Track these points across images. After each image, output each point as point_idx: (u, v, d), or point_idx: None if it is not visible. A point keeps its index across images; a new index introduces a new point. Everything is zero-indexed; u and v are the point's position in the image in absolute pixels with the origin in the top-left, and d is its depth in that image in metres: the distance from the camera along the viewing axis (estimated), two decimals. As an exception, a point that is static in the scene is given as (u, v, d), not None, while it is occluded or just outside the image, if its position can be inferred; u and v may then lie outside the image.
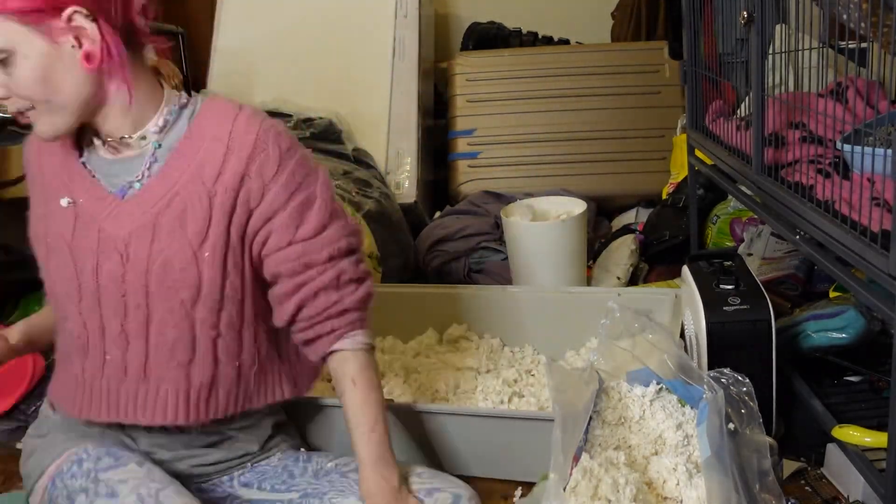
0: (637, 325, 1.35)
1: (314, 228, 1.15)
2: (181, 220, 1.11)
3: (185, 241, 1.10)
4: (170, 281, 1.10)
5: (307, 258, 1.14)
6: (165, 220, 1.11)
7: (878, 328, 1.45)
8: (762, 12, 1.34)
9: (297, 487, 1.22)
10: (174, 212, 1.11)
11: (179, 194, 1.11)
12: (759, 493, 1.10)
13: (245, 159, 1.11)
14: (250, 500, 1.24)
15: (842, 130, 1.30)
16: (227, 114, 1.14)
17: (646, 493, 1.12)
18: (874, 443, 1.20)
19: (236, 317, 1.16)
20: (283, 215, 1.13)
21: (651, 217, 2.41)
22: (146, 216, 1.11)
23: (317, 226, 1.15)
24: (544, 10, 3.34)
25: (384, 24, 2.72)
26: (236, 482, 1.26)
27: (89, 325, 1.14)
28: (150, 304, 1.11)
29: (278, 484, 1.24)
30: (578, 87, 2.77)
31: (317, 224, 1.15)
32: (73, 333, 1.16)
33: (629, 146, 2.72)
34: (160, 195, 1.12)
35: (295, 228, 1.13)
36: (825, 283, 1.88)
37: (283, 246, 1.14)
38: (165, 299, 1.11)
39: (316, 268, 1.15)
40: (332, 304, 1.16)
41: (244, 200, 1.11)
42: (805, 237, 1.26)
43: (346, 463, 1.24)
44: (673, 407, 1.27)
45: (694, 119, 1.90)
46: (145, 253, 1.10)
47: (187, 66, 2.42)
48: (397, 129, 2.66)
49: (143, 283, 1.11)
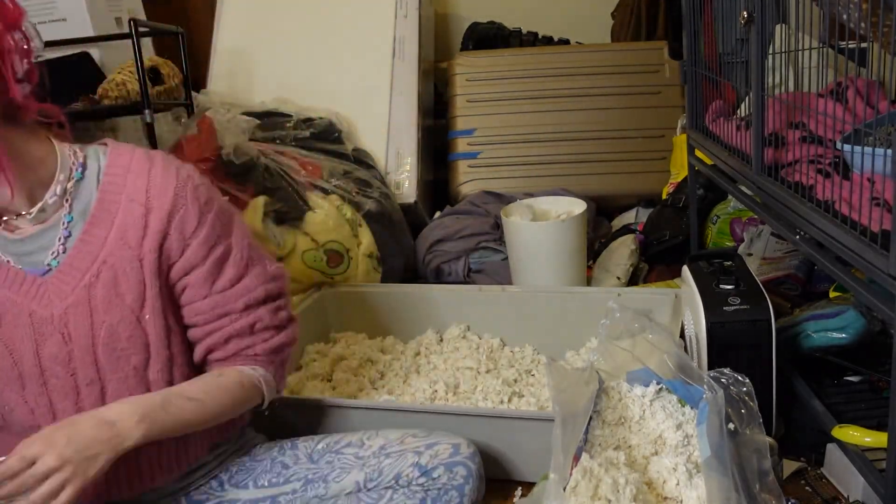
0: (637, 325, 1.35)
1: (230, 280, 1.15)
2: (115, 288, 1.08)
3: (125, 307, 1.09)
4: (119, 350, 1.09)
5: (222, 308, 1.15)
6: (99, 292, 1.08)
7: (878, 328, 1.45)
8: (762, 12, 1.34)
9: (297, 476, 1.21)
10: (106, 282, 1.08)
11: (107, 262, 1.08)
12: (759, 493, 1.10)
13: (165, 218, 1.09)
14: (252, 499, 1.22)
15: (842, 130, 1.30)
16: (140, 169, 1.10)
17: (646, 493, 1.12)
18: (874, 443, 1.19)
19: (187, 366, 1.16)
20: (200, 270, 1.13)
21: (651, 217, 2.41)
22: (77, 291, 1.08)
23: (233, 277, 1.15)
24: (544, 10, 3.34)
25: (384, 24, 2.72)
26: (227, 485, 1.24)
27: (38, 411, 1.10)
28: (102, 377, 1.09)
29: (274, 477, 1.22)
30: (578, 87, 2.77)
31: (233, 276, 1.15)
32: (23, 424, 1.10)
33: (629, 146, 2.73)
34: (86, 267, 1.08)
35: (212, 282, 1.14)
36: (825, 283, 1.88)
37: (198, 299, 1.14)
38: (117, 369, 1.09)
39: (230, 316, 1.16)
40: (243, 349, 1.18)
41: (166, 256, 1.11)
42: (805, 237, 1.26)
43: (336, 440, 1.25)
44: (673, 407, 1.27)
45: (694, 119, 1.90)
46: (87, 328, 1.08)
47: (187, 66, 2.41)
48: (397, 129, 2.66)
49: (93, 359, 1.08)
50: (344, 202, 2.20)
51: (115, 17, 2.74)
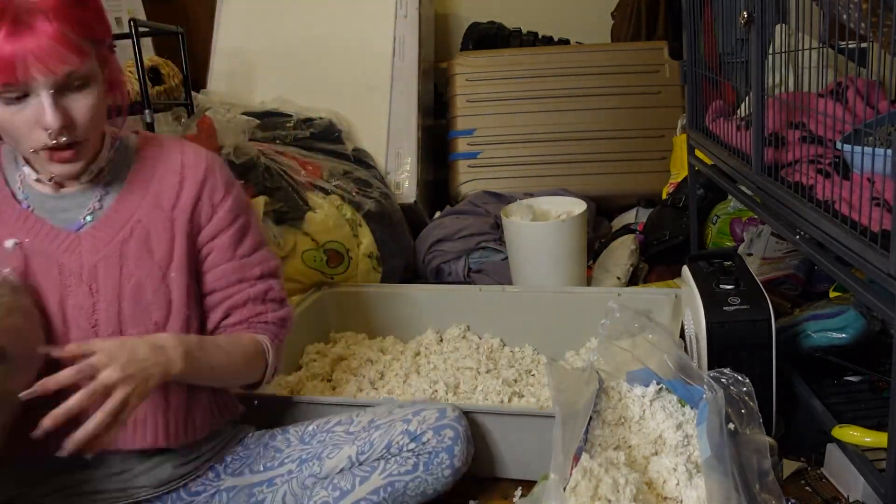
0: (637, 325, 1.35)
1: (250, 248, 1.26)
2: (146, 245, 1.16)
3: (153, 264, 1.16)
4: (143, 304, 1.14)
5: (241, 274, 1.24)
6: (132, 248, 1.15)
7: (878, 328, 1.45)
8: (762, 12, 1.34)
9: (291, 458, 1.25)
10: (138, 238, 1.16)
11: (141, 221, 1.17)
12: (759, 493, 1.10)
13: (198, 185, 1.21)
14: (249, 484, 1.25)
15: (842, 130, 1.30)
16: (173, 146, 1.23)
17: (646, 493, 1.12)
18: (874, 443, 1.19)
19: (201, 331, 1.22)
20: (226, 235, 1.23)
21: (651, 217, 2.41)
22: (110, 246, 1.15)
23: (252, 246, 1.26)
24: (544, 10, 3.34)
25: (384, 24, 2.72)
26: (223, 474, 1.26)
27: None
28: (123, 331, 1.13)
29: (268, 462, 1.26)
30: (578, 87, 2.77)
31: (252, 245, 1.26)
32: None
33: (629, 146, 2.73)
34: (120, 225, 1.16)
35: (235, 248, 1.23)
36: (825, 283, 1.88)
37: (223, 262, 1.23)
38: (138, 323, 1.14)
39: (249, 282, 1.25)
40: (256, 315, 1.25)
41: (196, 220, 1.20)
42: (805, 237, 1.26)
43: (325, 421, 1.30)
44: (673, 407, 1.26)
45: (694, 119, 1.90)
46: (115, 280, 1.14)
47: (187, 66, 2.41)
48: (397, 129, 2.67)
49: (116, 311, 1.13)
50: (344, 202, 2.20)
51: (115, 17, 2.74)
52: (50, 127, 1.02)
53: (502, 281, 2.15)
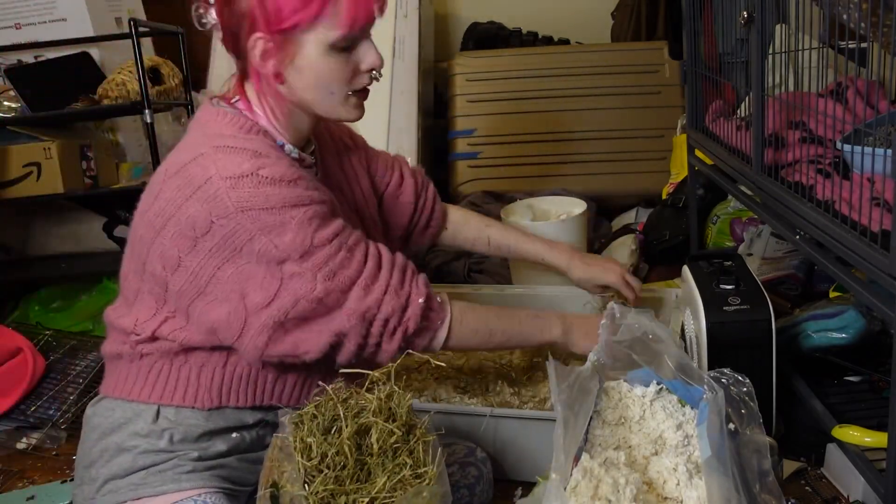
0: (637, 325, 1.35)
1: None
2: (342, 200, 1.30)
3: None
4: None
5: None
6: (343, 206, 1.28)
7: (878, 328, 1.45)
8: (762, 12, 1.34)
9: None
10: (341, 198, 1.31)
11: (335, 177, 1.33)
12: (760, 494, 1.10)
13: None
14: None
15: (842, 130, 1.30)
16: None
17: (646, 493, 1.12)
18: (874, 443, 1.19)
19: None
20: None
21: (651, 217, 2.41)
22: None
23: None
24: (544, 10, 3.34)
25: (384, 24, 2.72)
26: None
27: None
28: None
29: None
30: (578, 87, 2.77)
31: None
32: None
33: (629, 146, 2.72)
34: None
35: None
36: (825, 283, 1.88)
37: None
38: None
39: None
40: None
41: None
42: (805, 237, 1.26)
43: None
44: (673, 407, 1.26)
45: (694, 119, 1.90)
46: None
47: (187, 66, 2.41)
48: (397, 129, 2.66)
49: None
50: (344, 202, 2.20)
51: (115, 17, 2.73)
52: (379, 66, 1.11)
53: (502, 281, 2.15)
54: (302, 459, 1.01)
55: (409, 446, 1.03)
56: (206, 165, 1.05)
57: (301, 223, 1.05)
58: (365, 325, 1.10)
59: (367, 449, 1.03)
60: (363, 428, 1.02)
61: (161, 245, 1.08)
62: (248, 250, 1.04)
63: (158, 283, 1.11)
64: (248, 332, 1.07)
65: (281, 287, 1.05)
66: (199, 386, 1.14)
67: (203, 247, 1.05)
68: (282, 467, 1.05)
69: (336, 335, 1.09)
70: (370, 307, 1.10)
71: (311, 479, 1.01)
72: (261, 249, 1.04)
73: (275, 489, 1.02)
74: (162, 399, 1.14)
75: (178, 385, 1.14)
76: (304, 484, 1.00)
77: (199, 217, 1.04)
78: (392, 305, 1.11)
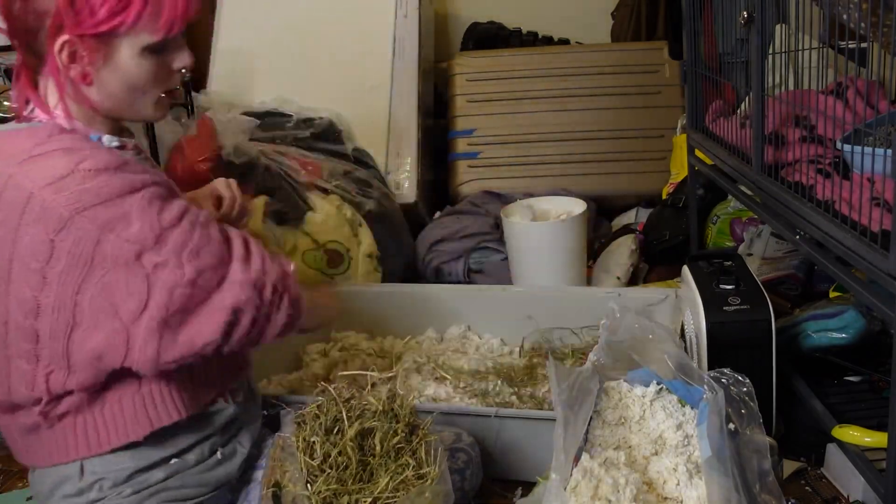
0: (637, 325, 1.35)
1: None
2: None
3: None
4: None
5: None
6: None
7: (878, 328, 1.45)
8: (762, 12, 1.34)
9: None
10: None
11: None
12: (760, 494, 1.10)
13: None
14: None
15: (842, 130, 1.30)
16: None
17: (646, 493, 1.12)
18: (874, 443, 1.20)
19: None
20: None
21: (651, 217, 2.41)
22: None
23: None
24: (544, 10, 3.34)
25: (384, 24, 2.72)
26: None
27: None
28: None
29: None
30: (578, 87, 2.77)
31: None
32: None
33: (629, 146, 2.72)
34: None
35: None
36: (825, 283, 1.88)
37: None
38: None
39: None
40: None
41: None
42: (805, 237, 1.26)
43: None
44: (673, 407, 1.26)
45: (694, 119, 1.90)
46: None
47: (187, 66, 2.41)
48: (397, 129, 2.66)
49: None
50: (344, 202, 2.20)
51: (115, 17, 2.73)
52: (190, 65, 1.09)
53: (502, 281, 2.15)
54: (305, 458, 1.01)
55: (411, 447, 1.04)
56: (20, 184, 0.97)
57: (142, 209, 0.98)
58: (257, 293, 1.03)
59: (370, 449, 1.03)
60: (366, 429, 1.02)
61: (16, 292, 1.00)
62: (99, 259, 0.97)
63: (26, 338, 1.02)
64: (134, 346, 0.99)
65: (149, 284, 0.97)
66: (126, 420, 1.07)
67: (52, 276, 0.97)
68: (284, 467, 1.05)
69: (233, 311, 1.01)
70: (258, 275, 1.04)
71: (314, 479, 1.01)
72: (112, 251, 0.96)
73: (277, 489, 1.03)
74: (89, 452, 1.08)
75: (107, 429, 1.07)
76: (307, 483, 1.00)
77: (37, 241, 0.96)
78: (276, 271, 1.07)
